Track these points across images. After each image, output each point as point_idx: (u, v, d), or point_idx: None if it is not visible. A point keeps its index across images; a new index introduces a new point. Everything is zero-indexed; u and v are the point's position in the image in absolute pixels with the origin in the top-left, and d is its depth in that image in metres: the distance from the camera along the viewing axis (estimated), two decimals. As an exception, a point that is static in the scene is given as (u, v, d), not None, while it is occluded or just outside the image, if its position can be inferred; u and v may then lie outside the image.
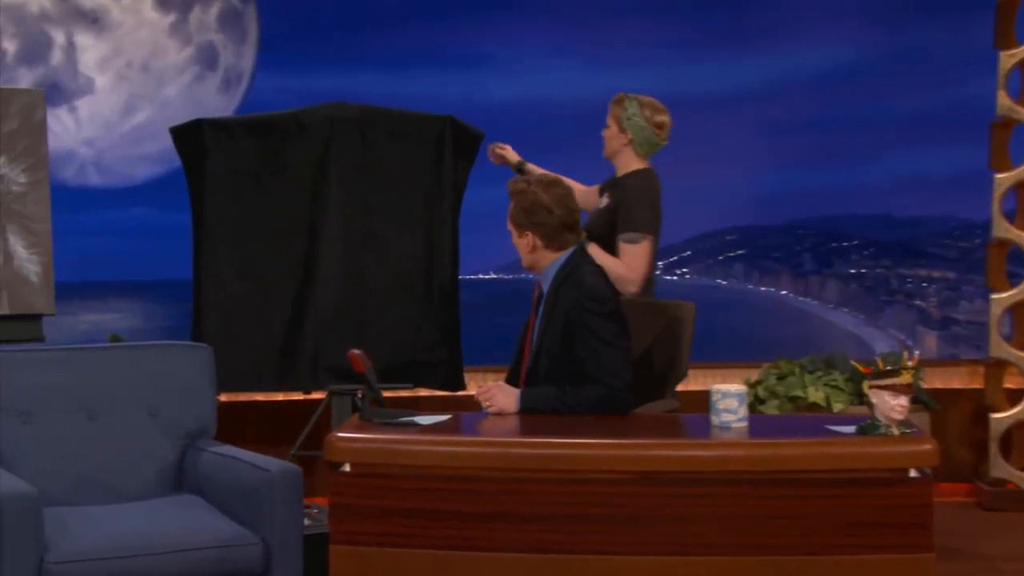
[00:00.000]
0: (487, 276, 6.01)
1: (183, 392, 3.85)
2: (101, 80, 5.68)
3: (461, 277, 4.69)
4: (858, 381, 4.95)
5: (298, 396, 5.15)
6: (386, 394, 3.46)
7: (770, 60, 5.97)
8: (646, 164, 4.24)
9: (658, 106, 4.19)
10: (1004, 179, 5.40)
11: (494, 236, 5.45)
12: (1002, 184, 5.40)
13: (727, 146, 5.97)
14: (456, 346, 4.62)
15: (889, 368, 3.03)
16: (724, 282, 6.17)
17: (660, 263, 6.11)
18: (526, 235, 3.56)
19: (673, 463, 2.97)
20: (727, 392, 3.12)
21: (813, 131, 5.95)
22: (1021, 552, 4.60)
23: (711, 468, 2.96)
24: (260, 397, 5.39)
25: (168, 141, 4.60)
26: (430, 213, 4.56)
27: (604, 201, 4.25)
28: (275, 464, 3.51)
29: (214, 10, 5.74)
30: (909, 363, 3.05)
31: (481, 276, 6.00)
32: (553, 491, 2.98)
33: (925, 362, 5.44)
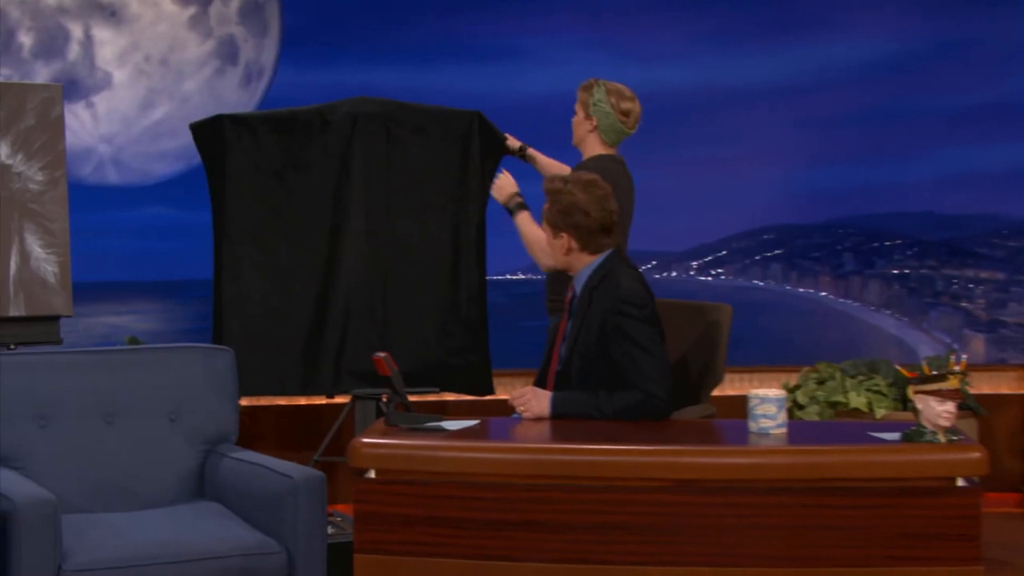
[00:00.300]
0: (515, 277, 6.02)
1: (204, 396, 3.88)
2: (119, 75, 5.72)
3: (489, 278, 4.69)
4: (902, 386, 4.92)
5: (321, 400, 5.17)
6: (412, 398, 3.47)
7: (809, 52, 5.95)
8: (612, 152, 4.21)
9: (625, 93, 4.17)
10: (1055, 176, 5.37)
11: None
12: (1053, 181, 5.36)
13: (764, 141, 5.96)
14: (484, 349, 4.63)
15: (935, 373, 3.01)
16: (761, 283, 6.15)
17: (694, 263, 6.10)
18: (561, 237, 3.55)
19: (709, 471, 2.97)
20: (765, 397, 3.12)
21: (854, 126, 5.93)
22: (1073, 565, 4.57)
23: (748, 476, 2.95)
24: (282, 401, 5.42)
25: (188, 137, 4.63)
26: (457, 212, 4.57)
27: None
28: (298, 470, 3.53)
29: (235, 3, 5.77)
30: (956, 367, 3.03)
31: (509, 277, 6.00)
32: (585, 499, 2.98)
33: (972, 366, 5.40)
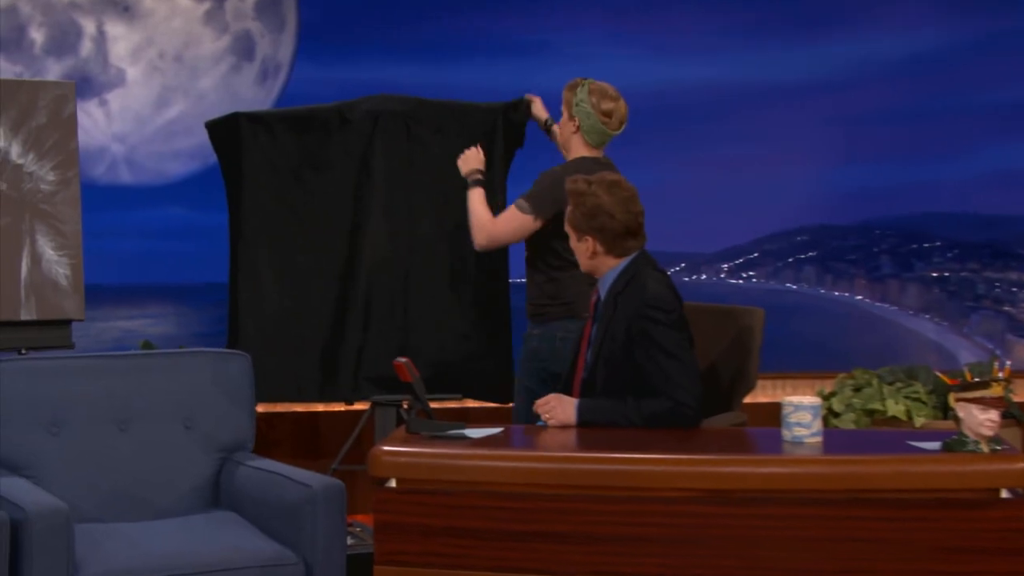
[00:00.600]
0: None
1: (220, 402, 3.90)
2: (132, 72, 5.75)
3: (512, 280, 4.70)
4: (942, 393, 4.91)
5: (339, 407, 5.19)
6: (433, 405, 3.48)
7: (845, 46, 5.93)
8: (597, 154, 4.19)
9: (608, 92, 4.15)
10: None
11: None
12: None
13: (797, 139, 5.94)
14: (507, 355, 4.63)
15: (977, 380, 3.00)
16: (794, 286, 6.14)
17: (725, 266, 6.09)
18: (586, 240, 3.55)
19: (741, 481, 2.96)
20: (800, 404, 3.11)
21: (892, 123, 5.91)
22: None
23: (782, 487, 2.94)
24: (299, 408, 5.44)
25: (203, 136, 4.66)
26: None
27: None
28: (316, 479, 3.54)
29: (251, -3, 5.81)
30: (999, 374, 3.02)
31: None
32: (612, 510, 2.98)
33: (1016, 373, 5.36)
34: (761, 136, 5.95)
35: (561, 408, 3.43)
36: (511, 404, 4.61)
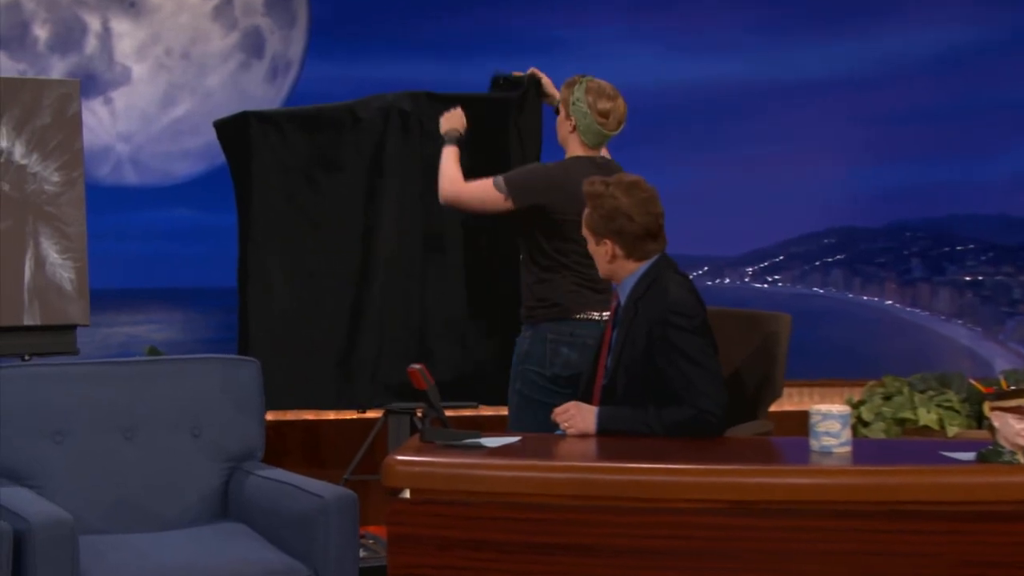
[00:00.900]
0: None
1: (228, 410, 3.91)
2: (138, 69, 5.78)
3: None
4: (976, 402, 4.89)
5: (351, 415, 5.19)
6: (449, 413, 3.48)
7: (874, 42, 5.93)
8: (594, 153, 4.18)
9: (605, 91, 4.13)
10: None
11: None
12: None
13: (825, 138, 5.94)
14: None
15: (1013, 387, 2.99)
16: (821, 290, 6.13)
17: (749, 269, 6.09)
18: (604, 243, 3.55)
19: (767, 492, 2.95)
20: (828, 413, 3.10)
21: (923, 121, 5.90)
22: None
23: (810, 498, 2.93)
24: (310, 416, 5.45)
25: (211, 135, 4.67)
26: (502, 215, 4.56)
27: None
28: (328, 489, 3.55)
29: (260, -8, 5.83)
30: (1036, 382, 3.01)
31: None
32: (634, 522, 2.98)
33: (1053, 381, 5.36)
34: (786, 135, 5.95)
35: (580, 416, 3.42)
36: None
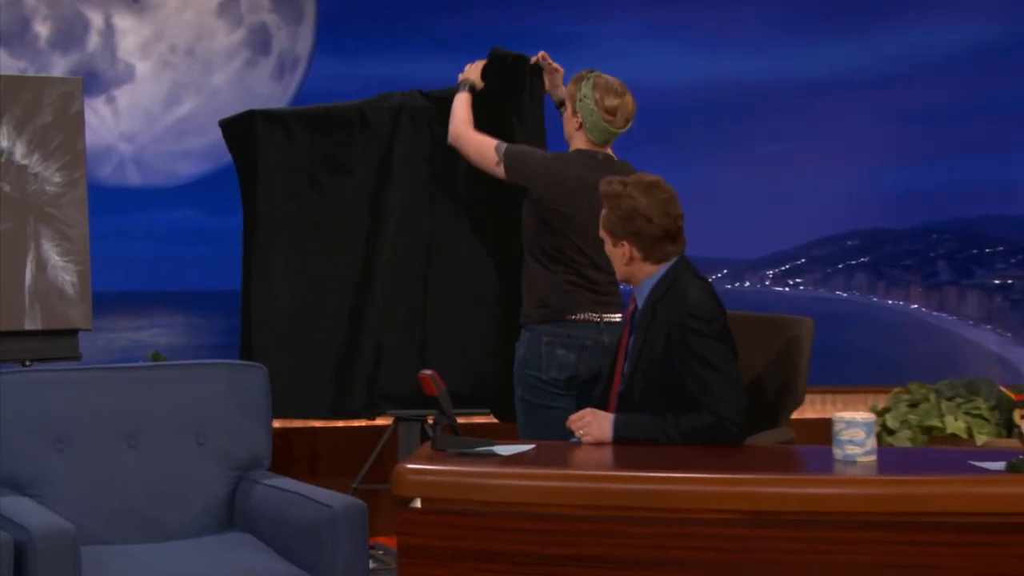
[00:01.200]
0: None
1: (234, 417, 3.92)
2: (142, 67, 5.80)
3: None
4: (1006, 409, 4.88)
5: (360, 422, 5.20)
6: (461, 420, 3.48)
7: (898, 37, 5.92)
8: (600, 150, 4.17)
9: (613, 87, 4.13)
10: None
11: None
12: None
13: (848, 137, 5.93)
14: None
15: (1044, 395, 2.98)
16: (845, 294, 6.12)
17: (770, 272, 6.08)
18: (621, 245, 3.55)
19: (789, 502, 2.95)
20: (852, 421, 3.10)
21: (949, 119, 5.89)
22: None
23: (833, 508, 2.93)
24: (318, 423, 5.46)
25: (216, 135, 4.68)
26: (506, 218, 4.56)
27: None
28: (337, 499, 3.56)
29: (267, -12, 5.85)
30: (1067, 389, 3.01)
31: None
32: (651, 532, 2.97)
33: (1085, 388, 5.34)
34: (808, 134, 5.94)
35: (596, 423, 3.42)
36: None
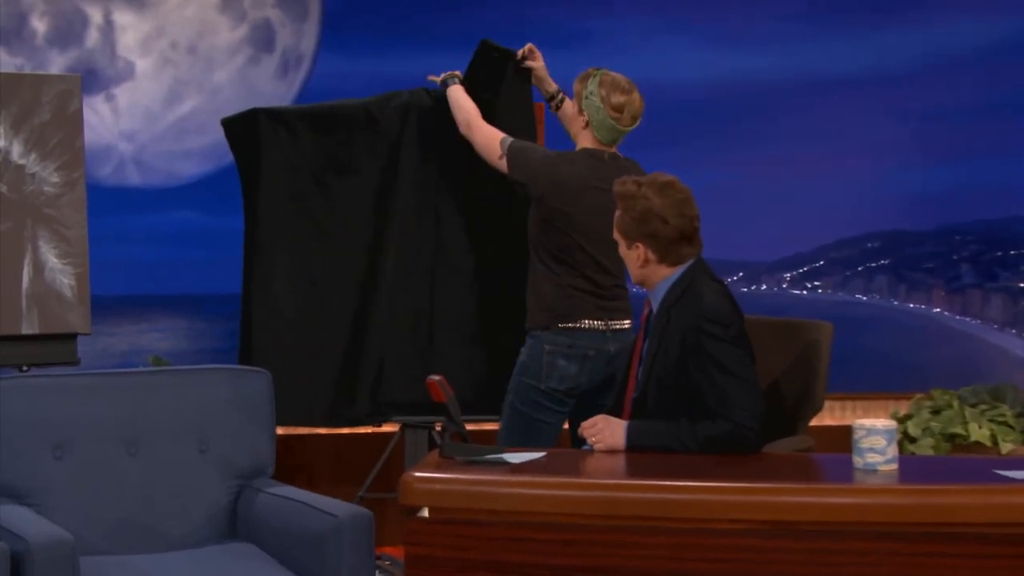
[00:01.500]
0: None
1: (237, 424, 3.92)
2: (142, 64, 5.80)
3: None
4: (1032, 416, 4.88)
5: (366, 429, 5.20)
6: (470, 427, 3.48)
7: (920, 33, 5.92)
8: (607, 150, 4.18)
9: (620, 84, 4.14)
10: None
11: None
12: None
13: (869, 136, 5.93)
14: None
15: (1071, 401, 2.98)
16: (864, 297, 6.11)
17: (787, 275, 6.08)
18: (636, 247, 3.55)
19: (808, 512, 2.95)
20: (872, 428, 3.10)
21: (973, 117, 5.88)
22: None
23: (853, 519, 2.93)
24: (323, 430, 5.45)
25: (218, 134, 4.69)
26: (516, 220, 4.56)
27: None
28: (342, 508, 3.56)
29: (270, -17, 5.85)
30: (1095, 396, 3.00)
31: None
32: (666, 543, 2.97)
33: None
34: (827, 132, 5.94)
35: (609, 431, 3.42)
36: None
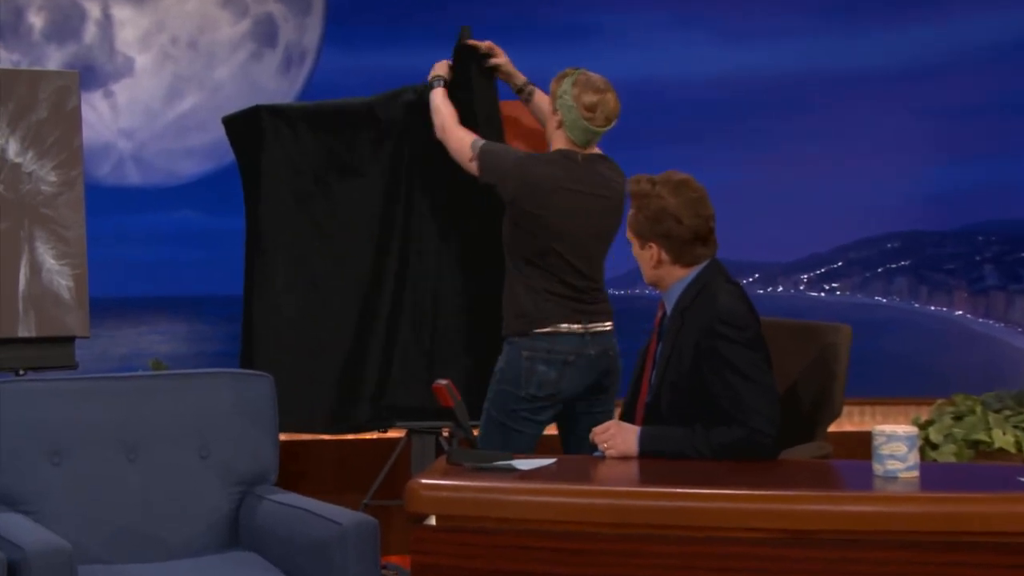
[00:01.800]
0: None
1: (239, 429, 3.93)
2: (142, 60, 5.82)
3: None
4: (1058, 423, 4.88)
5: (371, 435, 5.21)
6: (477, 433, 3.49)
7: (942, 27, 5.91)
8: (583, 151, 4.17)
9: (594, 84, 4.12)
10: None
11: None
12: None
13: (888, 134, 5.92)
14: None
15: (1097, 407, 2.97)
16: (884, 299, 6.11)
17: (804, 276, 6.07)
18: (649, 247, 3.55)
19: (828, 520, 2.94)
20: (893, 434, 3.09)
21: (995, 114, 5.88)
22: None
23: (873, 527, 2.92)
24: (326, 436, 5.46)
25: (219, 132, 4.71)
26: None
27: None
28: (347, 516, 3.56)
29: (273, -24, 5.86)
30: (1123, 401, 2.99)
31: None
32: (679, 552, 2.97)
33: None
34: (844, 131, 5.93)
35: (621, 437, 3.42)
36: (558, 432, 4.60)
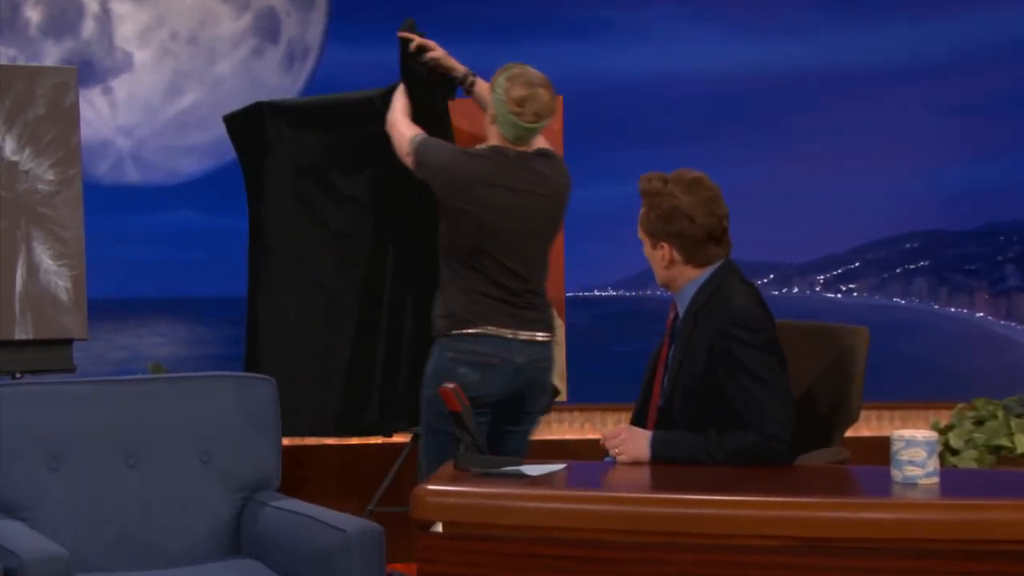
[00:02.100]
0: (603, 293, 6.03)
1: (241, 434, 3.93)
2: (141, 55, 5.83)
3: (569, 295, 4.71)
4: (1082, 428, 4.87)
5: (376, 439, 5.21)
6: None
7: (962, 23, 5.90)
8: (518, 148, 4.15)
9: (526, 79, 4.08)
10: None
11: (612, 243, 5.47)
12: None
13: (907, 132, 5.92)
14: (561, 379, 4.62)
15: (1122, 411, 2.97)
16: (903, 301, 6.11)
17: (821, 277, 6.07)
18: (661, 247, 3.55)
19: (844, 527, 2.94)
20: (912, 439, 3.09)
21: (1016, 111, 5.87)
22: None
23: (892, 535, 2.92)
24: (330, 441, 5.47)
25: (220, 129, 4.71)
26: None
27: None
28: (351, 523, 3.57)
29: (275, -30, 5.87)
30: None
31: (597, 293, 6.02)
32: (693, 560, 2.97)
33: None
34: (861, 128, 5.93)
35: (633, 442, 3.42)
36: (567, 436, 4.61)
